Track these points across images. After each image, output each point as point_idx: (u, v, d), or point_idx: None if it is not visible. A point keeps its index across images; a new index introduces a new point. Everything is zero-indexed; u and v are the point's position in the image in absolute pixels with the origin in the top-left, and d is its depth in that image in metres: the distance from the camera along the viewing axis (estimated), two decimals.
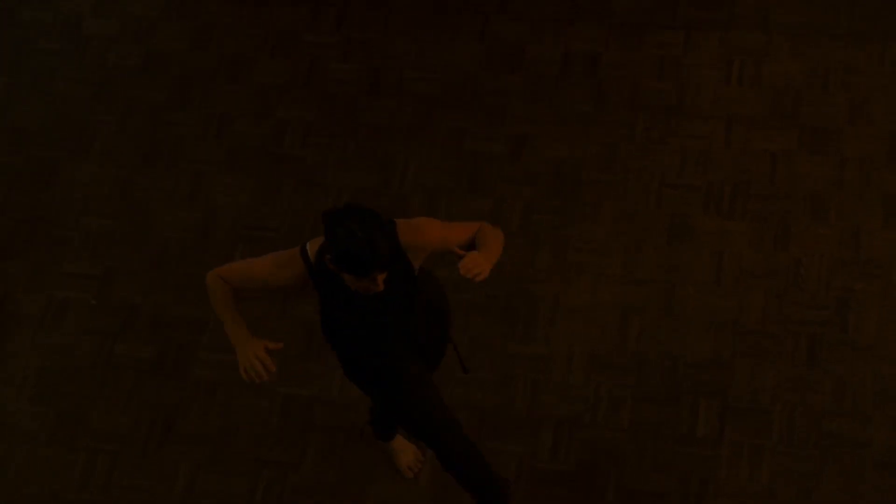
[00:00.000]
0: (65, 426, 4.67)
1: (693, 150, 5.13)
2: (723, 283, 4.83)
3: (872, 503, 4.36)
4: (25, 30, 5.66)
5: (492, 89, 5.35)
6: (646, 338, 4.72)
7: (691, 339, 4.71)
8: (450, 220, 5.06)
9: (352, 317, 3.70)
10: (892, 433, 4.49)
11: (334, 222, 3.42)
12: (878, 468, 4.42)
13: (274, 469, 4.53)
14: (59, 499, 4.53)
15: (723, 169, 5.08)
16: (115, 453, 4.59)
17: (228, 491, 4.49)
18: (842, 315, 4.73)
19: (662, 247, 4.92)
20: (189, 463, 4.56)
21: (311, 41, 5.53)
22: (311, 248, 3.66)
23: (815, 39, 5.35)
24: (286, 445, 4.57)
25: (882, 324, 4.71)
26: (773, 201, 5.01)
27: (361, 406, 4.64)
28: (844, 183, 5.03)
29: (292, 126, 5.32)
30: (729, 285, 4.82)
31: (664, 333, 4.72)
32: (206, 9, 5.63)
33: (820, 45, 5.33)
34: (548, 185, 5.09)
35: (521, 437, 4.54)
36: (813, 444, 4.48)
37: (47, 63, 5.57)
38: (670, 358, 4.67)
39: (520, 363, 4.69)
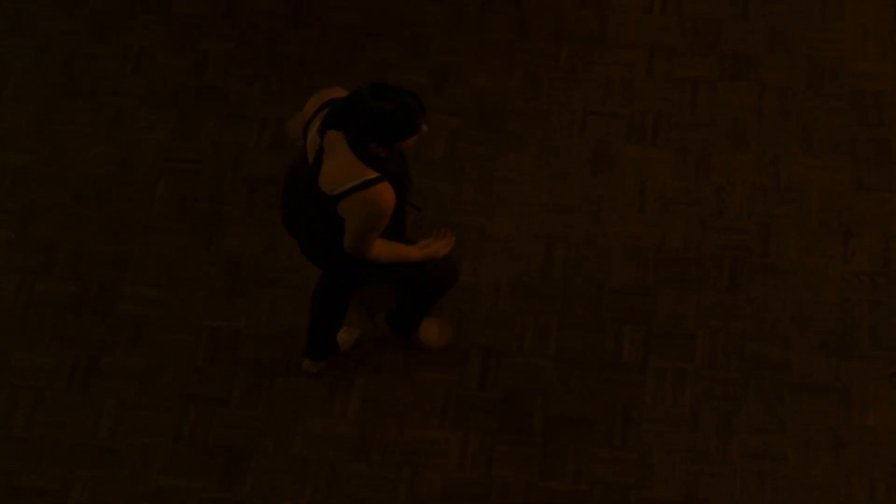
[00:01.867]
0: None
1: (616, 79, 5.15)
2: (646, 211, 4.87)
3: (790, 424, 4.46)
4: None
5: (415, 20, 5.31)
6: (570, 266, 4.75)
7: (615, 266, 4.75)
8: None
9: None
10: (809, 356, 4.58)
11: (361, 107, 3.63)
12: (795, 390, 4.51)
13: (201, 404, 4.51)
14: None
15: (645, 98, 5.11)
16: (39, 391, 4.55)
17: (155, 427, 4.47)
18: (762, 240, 4.80)
19: (586, 176, 4.94)
20: (115, 399, 4.53)
21: None
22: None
23: None
24: (213, 380, 4.56)
25: (801, 248, 4.79)
26: (695, 129, 5.05)
27: (288, 339, 4.64)
28: (764, 110, 5.08)
29: (213, 58, 5.24)
30: (652, 213, 4.86)
31: (589, 261, 4.76)
32: None
33: None
34: (472, 116, 5.08)
35: (449, 365, 4.57)
36: (735, 368, 4.56)
37: None
38: (595, 285, 4.71)
39: (447, 293, 4.71)
